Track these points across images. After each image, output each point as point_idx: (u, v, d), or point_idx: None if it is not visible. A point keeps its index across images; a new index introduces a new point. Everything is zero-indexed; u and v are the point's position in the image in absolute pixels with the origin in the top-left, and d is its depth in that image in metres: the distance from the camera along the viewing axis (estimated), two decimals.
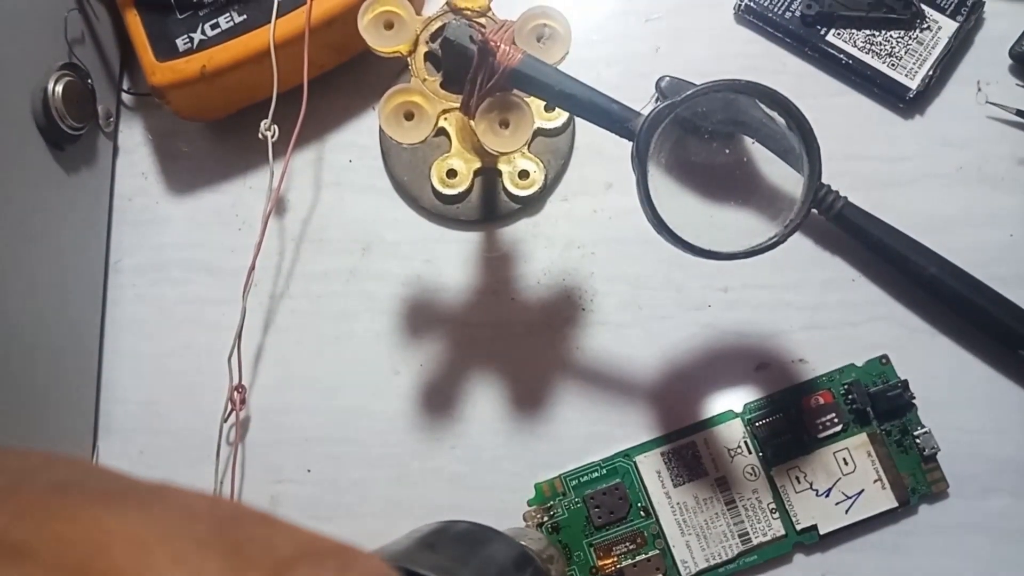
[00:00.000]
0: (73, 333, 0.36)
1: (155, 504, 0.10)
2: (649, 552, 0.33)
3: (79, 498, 0.10)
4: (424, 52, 0.28)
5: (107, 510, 0.10)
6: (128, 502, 0.10)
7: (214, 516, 0.10)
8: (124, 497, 0.10)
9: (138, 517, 0.10)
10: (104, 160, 0.38)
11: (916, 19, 0.37)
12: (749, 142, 0.31)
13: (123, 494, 0.10)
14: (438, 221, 0.38)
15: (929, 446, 0.33)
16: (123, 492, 0.10)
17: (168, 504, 0.10)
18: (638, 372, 0.36)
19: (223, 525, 0.10)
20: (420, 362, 0.37)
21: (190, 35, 0.35)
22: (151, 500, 0.10)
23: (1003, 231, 0.36)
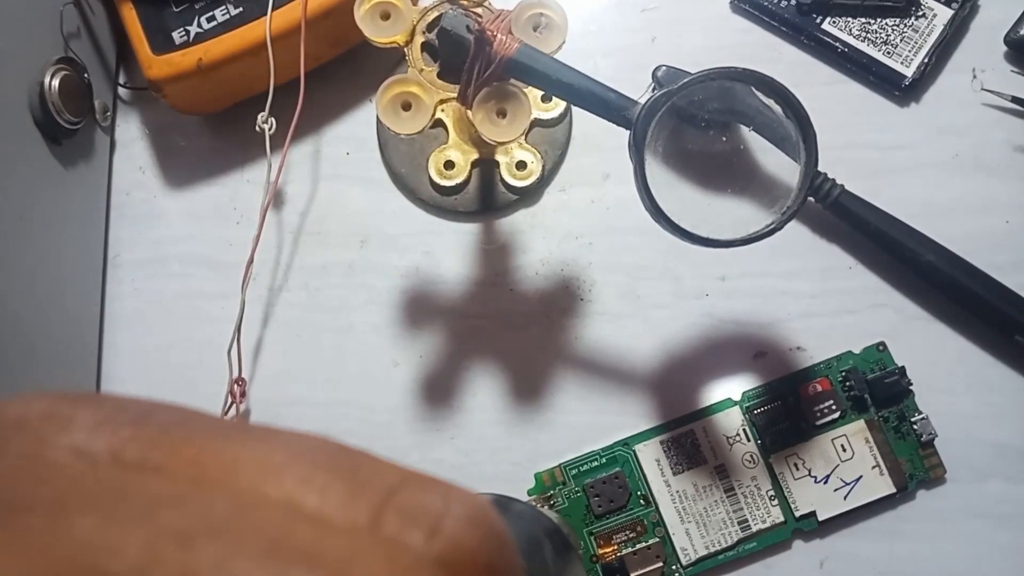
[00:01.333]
0: (72, 328, 0.36)
1: (272, 438, 0.11)
2: (649, 540, 0.33)
3: (202, 431, 0.11)
4: (421, 42, 0.28)
5: (229, 441, 0.11)
6: (247, 435, 0.11)
7: (327, 447, 0.11)
8: (242, 431, 0.11)
9: (259, 446, 0.11)
10: (101, 154, 0.38)
11: (911, 7, 0.37)
12: (745, 130, 0.31)
13: (240, 429, 0.11)
14: (436, 213, 0.38)
15: (926, 432, 0.33)
16: (239, 427, 0.11)
17: (284, 438, 0.11)
18: (637, 361, 0.36)
19: (337, 454, 0.11)
20: (419, 354, 0.37)
21: (186, 28, 0.35)
22: (267, 435, 0.11)
23: (999, 218, 0.36)
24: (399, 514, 0.10)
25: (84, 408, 0.11)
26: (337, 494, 0.10)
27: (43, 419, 0.11)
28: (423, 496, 0.10)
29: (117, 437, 0.10)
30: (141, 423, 0.11)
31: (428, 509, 0.10)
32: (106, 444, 0.10)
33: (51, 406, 0.11)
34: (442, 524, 0.10)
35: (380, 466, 0.11)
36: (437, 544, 0.10)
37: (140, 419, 0.11)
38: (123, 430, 0.11)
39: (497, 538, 0.11)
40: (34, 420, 0.11)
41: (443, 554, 0.10)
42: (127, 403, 0.11)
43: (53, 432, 0.10)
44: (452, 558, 0.10)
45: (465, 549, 0.10)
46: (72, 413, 0.11)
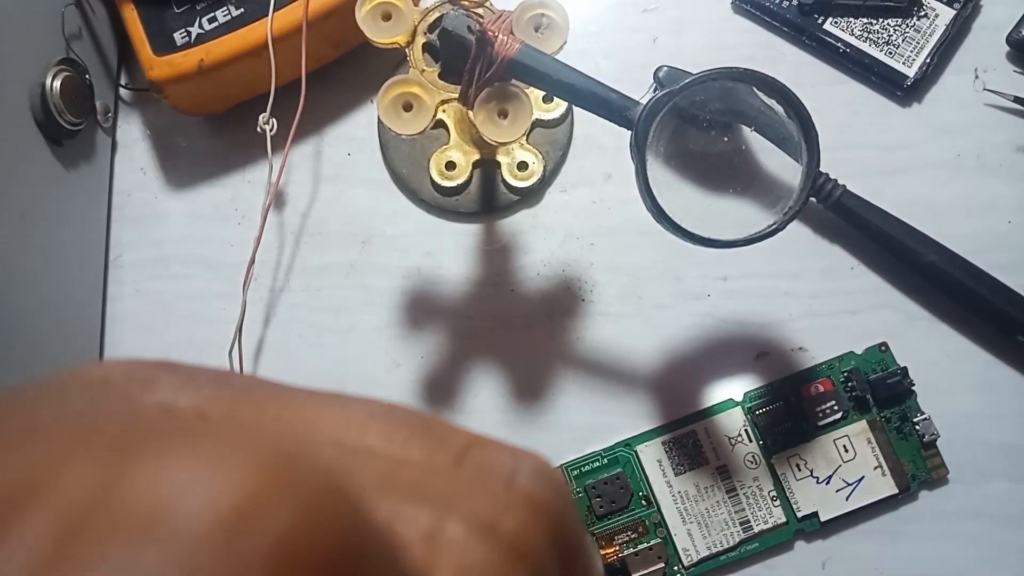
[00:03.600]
0: (73, 328, 0.36)
1: (348, 400, 0.11)
2: (651, 541, 0.33)
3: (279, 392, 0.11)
4: (422, 43, 0.28)
5: (308, 401, 0.11)
6: (323, 396, 0.11)
7: (401, 409, 0.11)
8: (318, 393, 0.11)
9: (338, 406, 0.11)
10: (102, 155, 0.38)
11: (913, 7, 0.37)
12: (747, 131, 0.31)
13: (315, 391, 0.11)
14: (437, 213, 0.38)
15: (929, 432, 0.33)
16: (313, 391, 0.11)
17: (359, 401, 0.11)
18: (638, 362, 0.36)
19: (411, 415, 0.11)
20: (421, 354, 0.37)
21: (187, 29, 0.35)
22: (343, 397, 0.11)
23: (1001, 218, 0.36)
24: (476, 468, 0.11)
25: (163, 371, 0.11)
26: (418, 449, 0.11)
27: (127, 379, 0.11)
28: (495, 453, 0.11)
29: (200, 396, 0.11)
30: (220, 384, 0.11)
31: (501, 464, 0.11)
32: (191, 402, 0.11)
33: (131, 368, 0.11)
34: (515, 478, 0.11)
35: (451, 428, 0.11)
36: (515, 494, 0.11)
37: (219, 381, 0.11)
38: (205, 390, 0.11)
39: (563, 492, 0.11)
40: (119, 380, 0.11)
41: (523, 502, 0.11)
42: (199, 368, 0.11)
43: (139, 390, 0.11)
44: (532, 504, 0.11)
45: (538, 501, 0.11)
46: (154, 374, 0.11)
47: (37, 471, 0.08)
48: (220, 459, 0.08)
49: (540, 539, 0.10)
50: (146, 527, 0.07)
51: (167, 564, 0.07)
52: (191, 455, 0.08)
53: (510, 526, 0.10)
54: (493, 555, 0.10)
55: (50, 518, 0.07)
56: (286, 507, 0.08)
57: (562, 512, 0.11)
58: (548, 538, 0.11)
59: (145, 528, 0.07)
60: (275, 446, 0.08)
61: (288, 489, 0.08)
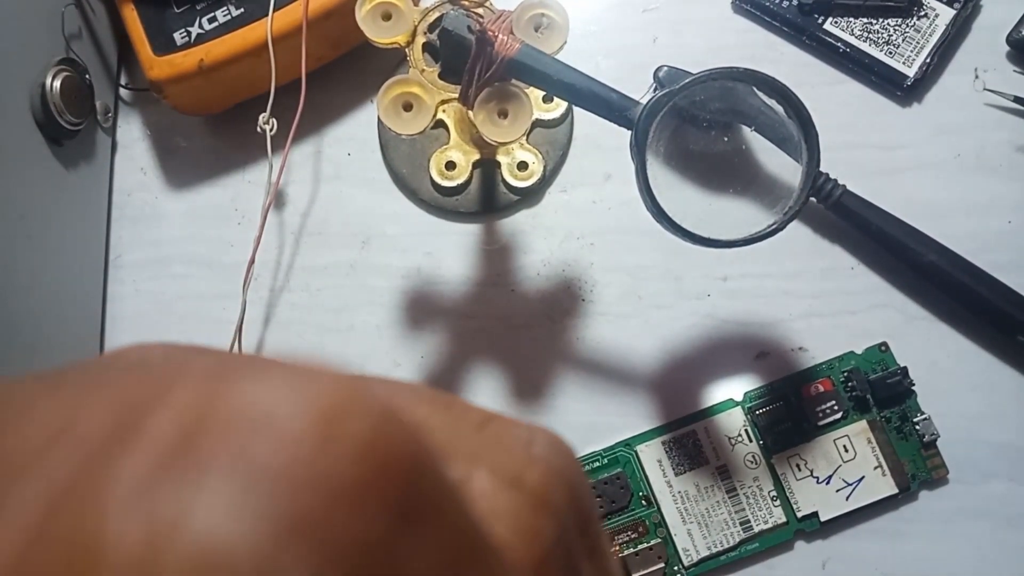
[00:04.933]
0: (74, 329, 0.36)
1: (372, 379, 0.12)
2: (651, 541, 0.33)
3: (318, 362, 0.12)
4: (422, 43, 0.28)
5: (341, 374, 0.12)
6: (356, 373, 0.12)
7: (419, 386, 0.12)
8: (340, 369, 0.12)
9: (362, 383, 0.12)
10: (102, 155, 0.38)
11: (913, 7, 0.37)
12: (747, 131, 0.31)
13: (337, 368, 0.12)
14: (437, 213, 0.38)
15: (929, 432, 0.33)
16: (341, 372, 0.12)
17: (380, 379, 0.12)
18: (638, 362, 0.36)
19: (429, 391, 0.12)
20: (421, 354, 0.37)
21: (187, 29, 0.35)
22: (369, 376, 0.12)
23: (1001, 218, 0.36)
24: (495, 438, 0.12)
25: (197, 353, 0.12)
26: (440, 420, 0.12)
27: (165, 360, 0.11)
28: (511, 427, 0.12)
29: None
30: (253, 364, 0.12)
31: (518, 436, 0.12)
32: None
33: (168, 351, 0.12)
34: (532, 449, 0.12)
35: (470, 405, 0.12)
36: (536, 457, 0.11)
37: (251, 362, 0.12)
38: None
39: (576, 463, 0.12)
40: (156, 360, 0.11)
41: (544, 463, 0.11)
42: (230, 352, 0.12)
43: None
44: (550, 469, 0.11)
45: (555, 469, 0.12)
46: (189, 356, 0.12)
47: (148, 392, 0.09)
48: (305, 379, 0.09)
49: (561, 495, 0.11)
50: (253, 426, 0.08)
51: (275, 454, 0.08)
52: (281, 376, 0.09)
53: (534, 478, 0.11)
54: (520, 504, 0.11)
55: (171, 422, 0.08)
56: (366, 417, 0.09)
57: (577, 480, 0.12)
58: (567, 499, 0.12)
59: (252, 427, 0.08)
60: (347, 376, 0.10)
61: (365, 404, 0.09)
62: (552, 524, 0.11)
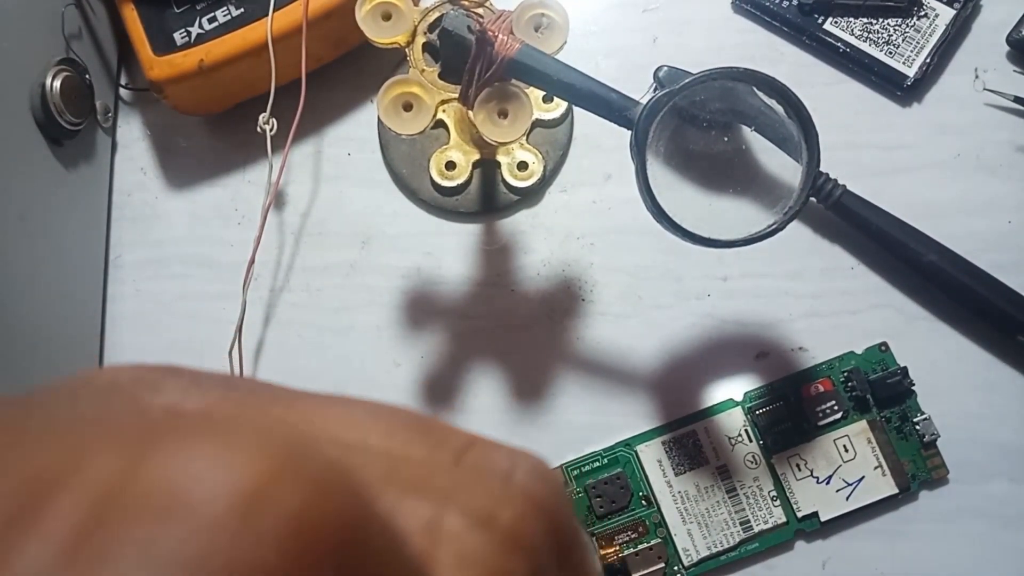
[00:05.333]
0: (74, 328, 0.36)
1: (349, 401, 0.12)
2: (651, 541, 0.33)
3: (283, 394, 0.12)
4: (422, 43, 0.28)
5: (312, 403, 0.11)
6: (329, 398, 0.12)
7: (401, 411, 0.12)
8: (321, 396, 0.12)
9: (341, 407, 0.11)
10: (102, 155, 0.38)
11: (913, 6, 0.37)
12: (747, 131, 0.31)
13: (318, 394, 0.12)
14: (437, 213, 0.38)
15: (929, 432, 0.33)
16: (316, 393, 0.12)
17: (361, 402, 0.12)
18: (638, 362, 0.36)
19: (411, 417, 0.12)
20: (421, 354, 0.37)
21: (187, 29, 0.35)
22: (344, 399, 0.12)
23: (1001, 218, 0.36)
24: (473, 468, 0.11)
25: (169, 375, 0.11)
26: (418, 449, 0.11)
27: (134, 382, 0.11)
28: (492, 453, 0.12)
29: (207, 398, 0.11)
30: (225, 387, 0.11)
31: (498, 464, 0.11)
32: (198, 404, 0.11)
33: (138, 373, 0.11)
34: (512, 476, 0.11)
35: (450, 429, 0.12)
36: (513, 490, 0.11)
37: (223, 384, 0.12)
38: (211, 393, 0.11)
39: (559, 490, 0.12)
40: (126, 384, 0.11)
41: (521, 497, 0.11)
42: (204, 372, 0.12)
43: (147, 393, 0.11)
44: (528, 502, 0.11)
45: (534, 498, 0.11)
46: (160, 378, 0.11)
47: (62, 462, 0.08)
48: (233, 448, 0.08)
49: (536, 532, 0.11)
50: (167, 509, 0.08)
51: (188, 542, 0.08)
52: (206, 444, 0.08)
53: (507, 518, 0.10)
54: (491, 545, 0.10)
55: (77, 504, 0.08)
56: (295, 491, 0.08)
57: (558, 509, 0.11)
58: (544, 532, 0.11)
59: (166, 510, 0.08)
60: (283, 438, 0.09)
61: (297, 475, 0.08)
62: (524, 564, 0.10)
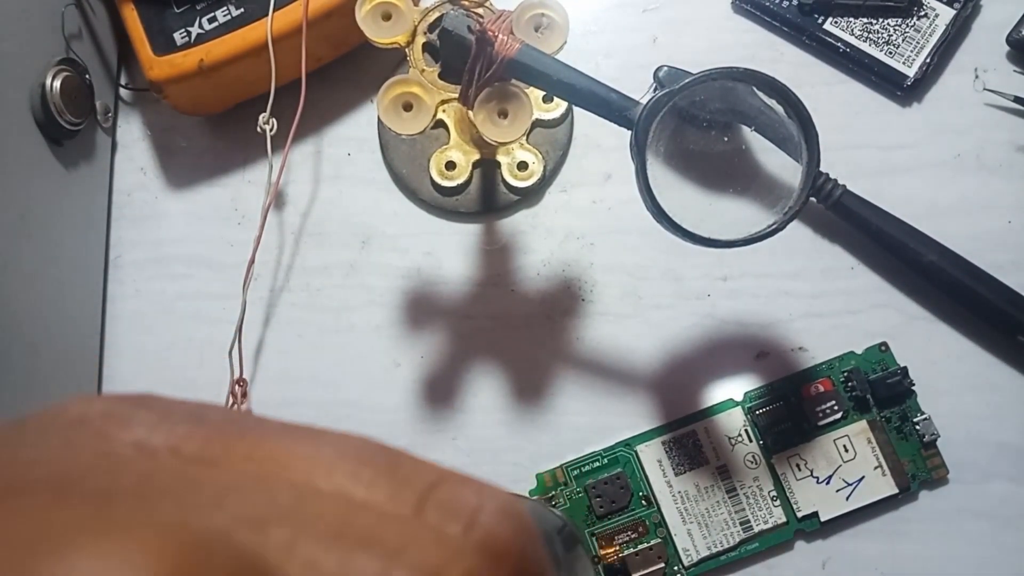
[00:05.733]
0: (74, 328, 0.36)
1: (317, 436, 0.12)
2: (651, 541, 0.33)
3: (251, 429, 0.12)
4: (422, 43, 0.28)
5: (279, 438, 0.11)
6: (294, 433, 0.12)
7: (369, 446, 0.12)
8: (289, 430, 0.12)
9: (308, 443, 0.11)
10: (102, 155, 0.38)
11: (913, 7, 0.37)
12: (747, 131, 0.31)
13: (287, 428, 0.12)
14: (437, 213, 0.38)
15: (929, 432, 0.33)
16: (286, 427, 0.12)
17: (328, 437, 0.12)
18: (638, 362, 0.36)
19: (379, 453, 0.11)
20: (421, 354, 0.37)
21: (187, 29, 0.35)
22: (313, 434, 0.12)
23: (1001, 218, 0.36)
24: (438, 507, 0.11)
25: (140, 408, 0.11)
26: (382, 488, 0.11)
27: (104, 417, 0.11)
28: (459, 491, 0.11)
29: (174, 434, 0.11)
30: (195, 421, 0.11)
31: (464, 503, 0.11)
32: (165, 440, 0.11)
33: (108, 406, 0.11)
34: (478, 517, 0.11)
35: (419, 464, 0.12)
36: (475, 535, 0.11)
37: (193, 418, 0.12)
38: (179, 428, 0.11)
39: (527, 530, 0.12)
40: (96, 418, 0.11)
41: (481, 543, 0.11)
42: (177, 404, 0.12)
43: (115, 429, 0.11)
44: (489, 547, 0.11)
45: (500, 539, 0.11)
46: (130, 412, 0.11)
47: None
48: (123, 557, 0.08)
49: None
50: None
51: None
52: (95, 555, 0.08)
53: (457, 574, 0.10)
54: None
55: None
56: None
57: (522, 551, 0.11)
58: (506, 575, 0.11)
59: None
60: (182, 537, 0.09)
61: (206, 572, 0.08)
62: None
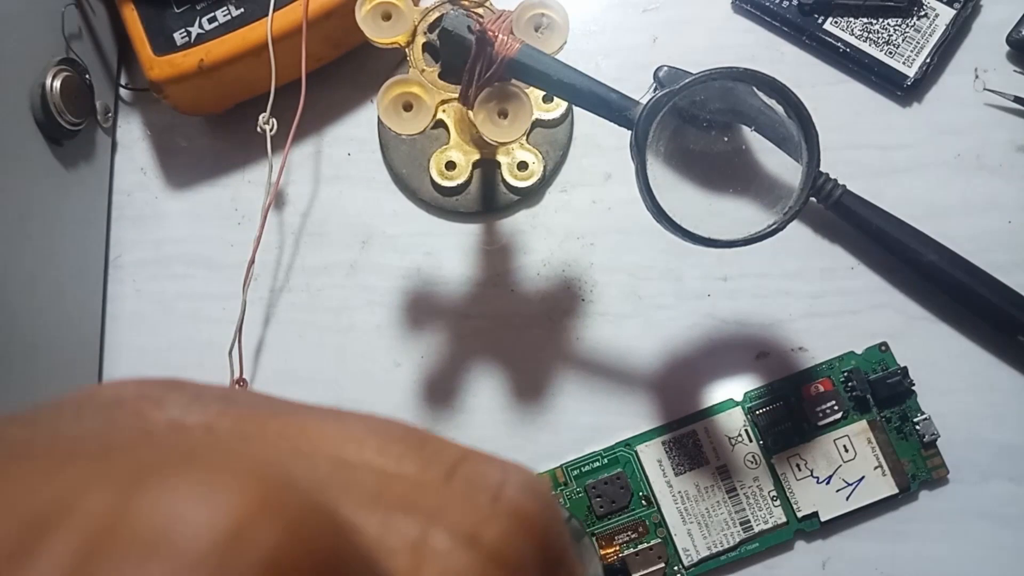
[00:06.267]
0: (74, 328, 0.36)
1: (346, 416, 0.12)
2: (651, 541, 0.33)
3: (282, 408, 0.12)
4: (422, 43, 0.28)
5: (309, 417, 0.12)
6: (326, 413, 0.12)
7: (396, 425, 0.12)
8: (318, 410, 0.12)
9: (336, 421, 0.12)
10: (102, 155, 0.38)
11: (913, 7, 0.37)
12: (747, 131, 0.31)
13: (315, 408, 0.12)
14: (437, 213, 0.38)
15: (929, 432, 0.33)
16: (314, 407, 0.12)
17: (356, 417, 0.12)
18: (638, 362, 0.36)
19: (406, 431, 0.12)
20: (421, 354, 0.37)
21: (187, 29, 0.35)
22: (341, 414, 0.12)
23: (1001, 218, 0.36)
24: (466, 480, 0.11)
25: (172, 390, 0.12)
26: (411, 462, 0.11)
27: (138, 398, 0.12)
28: (484, 467, 0.12)
29: (207, 413, 0.11)
30: (227, 402, 0.12)
31: (490, 477, 0.12)
32: (199, 418, 0.11)
33: (141, 388, 0.12)
34: (503, 491, 0.11)
35: (444, 442, 0.12)
36: (501, 507, 0.11)
37: (225, 398, 0.12)
38: (212, 407, 0.12)
39: (549, 505, 0.12)
40: (130, 399, 0.12)
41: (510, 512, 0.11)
42: (206, 387, 0.12)
43: (150, 408, 0.11)
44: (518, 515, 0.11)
45: (524, 513, 0.11)
46: (162, 393, 0.12)
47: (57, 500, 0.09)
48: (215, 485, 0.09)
49: (522, 548, 0.11)
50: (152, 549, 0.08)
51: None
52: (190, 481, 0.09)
53: (493, 535, 0.11)
54: (475, 563, 0.10)
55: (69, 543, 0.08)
56: (272, 529, 0.09)
57: (547, 524, 0.12)
58: (531, 548, 0.11)
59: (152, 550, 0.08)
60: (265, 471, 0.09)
61: (274, 512, 0.09)
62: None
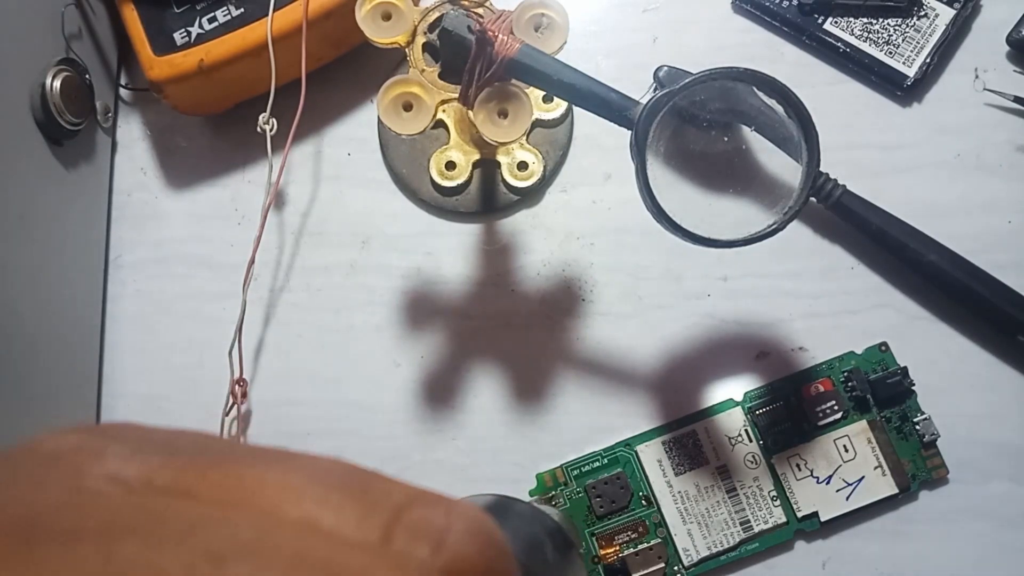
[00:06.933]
0: (74, 328, 0.36)
1: (289, 461, 0.12)
2: (651, 541, 0.33)
3: (224, 456, 0.12)
4: (422, 43, 0.28)
5: (250, 465, 0.12)
6: (268, 459, 0.12)
7: (340, 469, 0.12)
8: (263, 455, 0.12)
9: (278, 469, 0.12)
10: (102, 155, 0.38)
11: (913, 7, 0.37)
12: (747, 131, 0.31)
13: (260, 453, 0.12)
14: (437, 213, 0.38)
15: (929, 432, 0.33)
16: (258, 452, 0.12)
17: (300, 461, 0.12)
18: (638, 362, 0.36)
19: (349, 476, 0.12)
20: (421, 354, 0.37)
21: (187, 29, 0.35)
22: (284, 458, 0.12)
23: (1001, 218, 0.36)
24: (407, 530, 0.11)
25: (114, 440, 0.12)
26: (351, 513, 0.11)
27: (77, 451, 0.11)
28: (428, 512, 0.11)
29: (148, 465, 0.11)
30: (168, 451, 0.12)
31: (433, 524, 0.11)
32: (138, 471, 0.11)
33: (82, 439, 0.12)
34: (446, 538, 0.11)
35: (389, 485, 0.12)
36: (442, 557, 0.11)
37: (167, 447, 0.12)
38: (153, 458, 0.11)
39: (495, 548, 0.12)
40: (69, 452, 0.11)
41: (447, 565, 0.11)
42: (152, 432, 0.12)
43: (88, 462, 0.11)
44: (455, 568, 0.11)
45: (467, 560, 0.11)
46: (103, 445, 0.12)
47: None
48: None
49: None
50: None
51: None
52: None
53: None
54: None
55: None
56: None
57: (488, 569, 0.12)
58: None
59: None
60: None
61: None
62: None
